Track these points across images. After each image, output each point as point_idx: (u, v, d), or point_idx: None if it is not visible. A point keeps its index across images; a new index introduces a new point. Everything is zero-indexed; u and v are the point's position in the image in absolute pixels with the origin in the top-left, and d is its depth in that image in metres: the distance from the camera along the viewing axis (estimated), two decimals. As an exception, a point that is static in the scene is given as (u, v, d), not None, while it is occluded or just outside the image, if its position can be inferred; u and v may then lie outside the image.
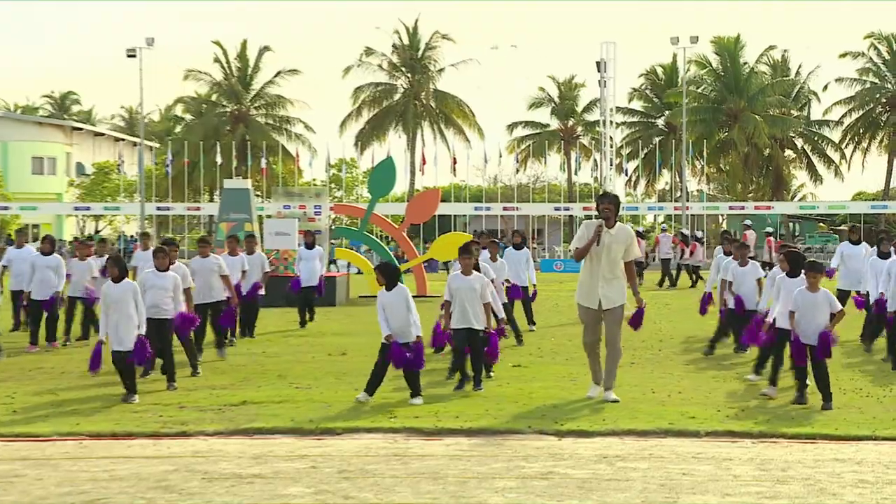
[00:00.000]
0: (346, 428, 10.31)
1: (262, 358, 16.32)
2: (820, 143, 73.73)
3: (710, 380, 13.77)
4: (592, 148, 73.24)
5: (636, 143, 73.04)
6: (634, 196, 79.40)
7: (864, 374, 14.31)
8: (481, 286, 12.77)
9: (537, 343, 18.12)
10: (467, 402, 11.80)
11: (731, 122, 70.13)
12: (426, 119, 73.98)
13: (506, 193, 71.66)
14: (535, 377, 13.99)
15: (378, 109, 73.59)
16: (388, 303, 11.87)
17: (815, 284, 11.71)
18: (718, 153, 71.70)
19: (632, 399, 11.97)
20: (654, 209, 70.80)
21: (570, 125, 77.84)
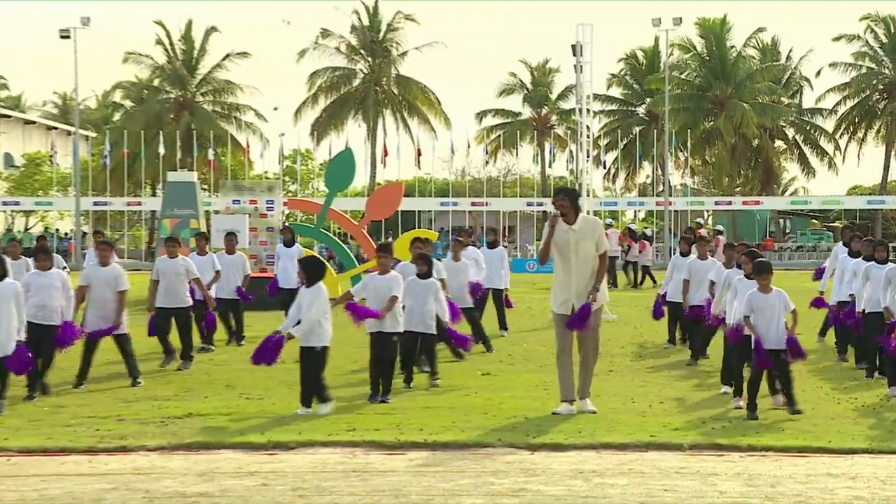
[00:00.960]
0: (300, 442, 10.28)
1: (209, 366, 16.25)
2: (812, 133, 74.28)
3: (694, 389, 13.85)
4: (568, 138, 73.41)
5: (615, 134, 73.34)
6: (613, 190, 79.72)
7: (859, 382, 14.43)
8: (393, 285, 12.79)
9: (508, 349, 18.15)
10: (432, 414, 11.80)
11: (717, 110, 70.52)
12: (388, 107, 73.90)
13: (474, 187, 71.73)
14: (505, 386, 14.01)
15: (336, 96, 73.43)
16: (301, 299, 12.05)
17: (766, 285, 11.86)
18: (703, 144, 72.11)
19: (610, 410, 12.01)
20: (635, 205, 71.16)
21: (543, 114, 78.05)
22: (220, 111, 73.64)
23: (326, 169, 34.16)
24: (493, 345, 18.36)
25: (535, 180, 74.75)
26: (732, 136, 69.30)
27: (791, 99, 76.02)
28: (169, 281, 15.67)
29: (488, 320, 19.68)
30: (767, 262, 12.15)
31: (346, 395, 12.41)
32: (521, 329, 21.60)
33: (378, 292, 12.77)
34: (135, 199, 66.66)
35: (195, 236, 19.58)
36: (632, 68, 77.58)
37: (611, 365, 16.08)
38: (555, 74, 78.63)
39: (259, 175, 75.61)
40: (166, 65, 73.19)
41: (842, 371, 15.46)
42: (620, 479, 8.81)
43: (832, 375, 15.05)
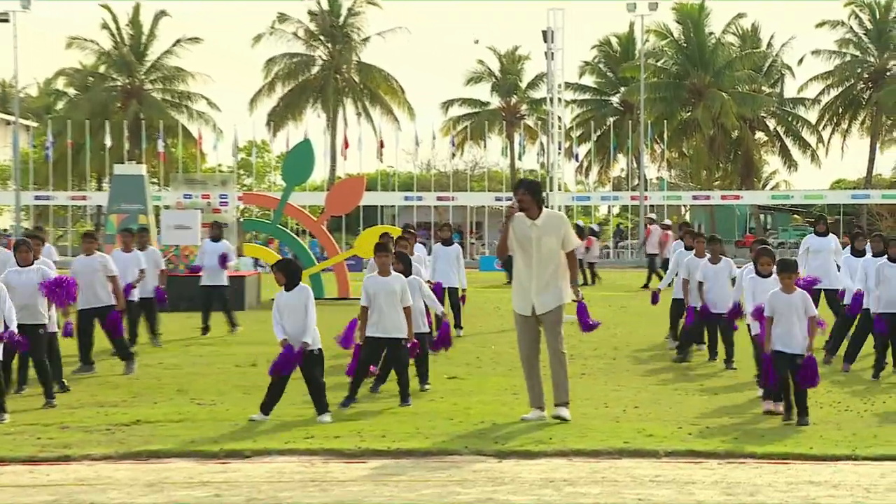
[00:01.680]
0: (255, 450, 10.25)
1: (158, 370, 16.17)
2: (794, 125, 74.73)
3: (671, 392, 13.91)
4: (538, 129, 73.64)
5: (588, 125, 73.53)
6: (586, 184, 79.97)
7: (840, 384, 14.54)
8: (401, 288, 12.80)
9: (475, 352, 18.17)
10: (395, 420, 11.80)
11: (695, 100, 70.80)
12: (349, 96, 73.78)
13: (440, 181, 71.73)
14: (472, 390, 14.02)
15: (293, 84, 73.22)
16: (286, 304, 11.92)
17: (790, 286, 11.93)
18: (681, 135, 72.40)
19: (582, 415, 12.04)
20: (609, 199, 71.31)
21: (512, 103, 78.14)
22: (170, 100, 73.28)
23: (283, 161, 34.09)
24: (459, 347, 18.38)
25: (503, 174, 74.87)
26: (711, 127, 69.60)
27: (772, 88, 76.44)
28: (86, 280, 15.52)
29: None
30: (792, 260, 12.32)
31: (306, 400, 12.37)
32: (490, 330, 21.62)
33: (380, 297, 12.75)
34: (79, 194, 66.20)
35: (137, 232, 19.50)
36: (605, 56, 77.79)
37: (583, 368, 16.13)
38: (525, 62, 78.77)
39: (212, 168, 75.38)
40: (112, 50, 72.73)
41: (822, 374, 15.56)
42: (593, 488, 8.84)
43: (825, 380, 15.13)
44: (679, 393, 13.86)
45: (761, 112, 73.14)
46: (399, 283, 12.84)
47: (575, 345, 18.80)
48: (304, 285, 12.05)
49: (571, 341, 18.83)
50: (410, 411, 12.40)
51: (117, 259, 18.07)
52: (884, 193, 67.89)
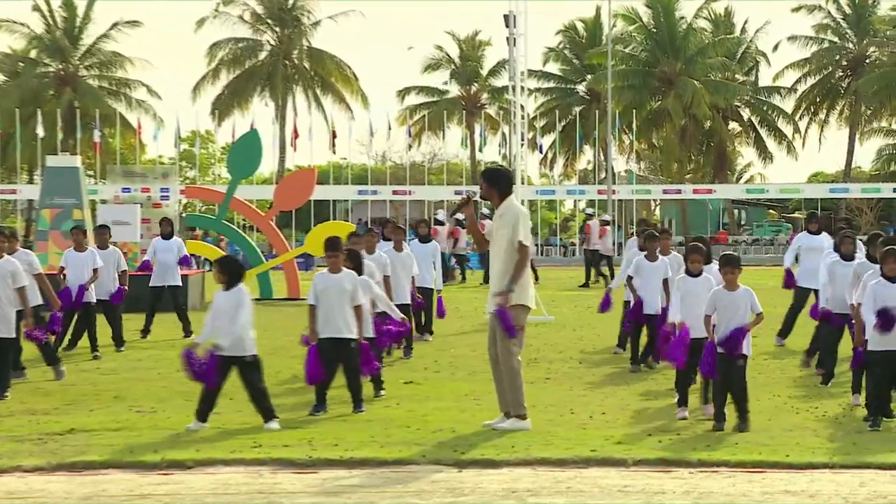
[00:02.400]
0: (198, 460, 10.20)
1: (94, 375, 16.07)
2: (770, 115, 75.27)
3: (640, 398, 13.95)
4: (500, 119, 73.76)
5: (552, 114, 73.77)
6: (551, 177, 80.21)
7: (818, 389, 14.64)
8: (353, 286, 12.76)
9: (434, 355, 18.17)
10: (348, 428, 11.77)
11: (666, 88, 71.20)
12: (299, 83, 73.62)
13: (396, 174, 71.72)
14: (430, 396, 14.02)
15: (239, 71, 73.00)
16: (219, 305, 11.90)
17: (733, 281, 11.98)
18: (650, 126, 72.76)
19: (546, 421, 12.07)
20: (575, 193, 71.57)
21: (473, 92, 78.26)
22: (107, 87, 72.86)
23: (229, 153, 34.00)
24: (417, 351, 18.37)
25: (463, 166, 74.93)
26: (682, 117, 70.02)
27: (746, 76, 76.98)
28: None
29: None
30: (734, 255, 12.30)
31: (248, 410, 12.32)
32: (449, 332, 21.63)
33: (328, 295, 12.73)
34: (9, 187, 65.69)
35: (73, 230, 19.35)
36: (571, 41, 78.06)
37: (547, 372, 16.16)
38: (485, 48, 78.96)
39: (152, 160, 75.01)
40: (45, 34, 72.21)
41: (800, 378, 15.68)
42: (558, 499, 8.86)
43: (790, 382, 15.24)
44: (649, 398, 13.90)
45: (735, 101, 73.65)
46: (350, 282, 12.80)
47: (539, 347, 18.85)
48: (241, 286, 11.95)
49: (535, 343, 18.95)
50: (364, 418, 12.38)
51: (70, 258, 17.94)
52: (863, 187, 68.42)
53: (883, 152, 78.12)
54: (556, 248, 67.19)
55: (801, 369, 16.32)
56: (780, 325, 19.00)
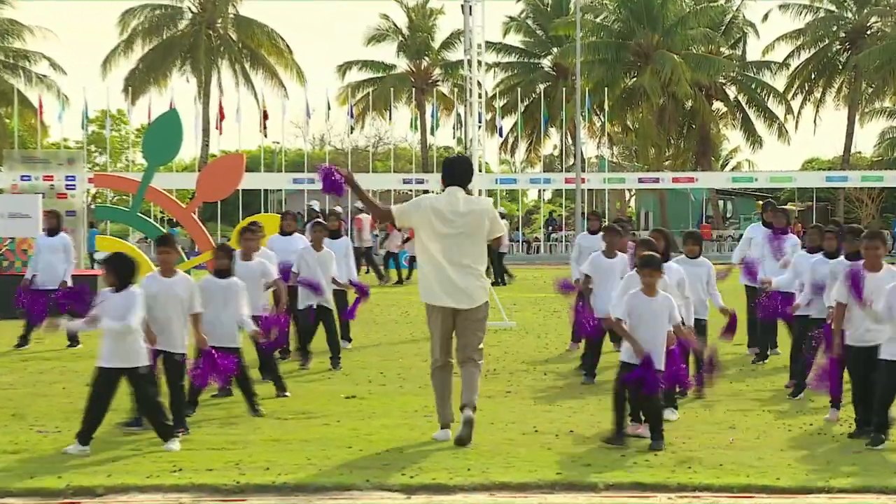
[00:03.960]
0: (110, 487, 10.15)
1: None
2: (759, 93, 75.70)
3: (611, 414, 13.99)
4: (455, 98, 73.78)
5: (514, 93, 73.92)
6: (512, 164, 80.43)
7: (811, 403, 14.73)
8: (189, 293, 12.71)
9: (379, 366, 18.17)
10: (281, 449, 11.75)
11: (641, 63, 71.47)
12: (224, 56, 73.40)
13: (336, 160, 71.62)
14: (375, 412, 14.02)
15: (156, 42, 72.68)
16: (107, 309, 11.87)
17: (651, 286, 12.05)
18: (624, 106, 73.08)
19: (507, 440, 12.09)
20: (539, 182, 71.73)
21: (423, 67, 78.27)
22: (3, 60, 72.27)
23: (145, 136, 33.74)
24: (360, 360, 18.35)
25: (413, 151, 75.01)
26: (660, 95, 70.32)
27: (732, 50, 77.38)
28: None
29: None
30: (655, 256, 12.32)
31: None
32: (396, 340, 21.64)
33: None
34: None
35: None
36: (535, 10, 78.26)
37: (508, 384, 16.18)
38: (437, 17, 79.08)
39: (56, 143, 74.44)
40: (-71, 0, 71.62)
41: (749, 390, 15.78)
42: (520, 529, 8.88)
43: (782, 396, 15.33)
44: (622, 414, 13.94)
45: (719, 78, 73.97)
46: (183, 288, 12.68)
47: (498, 357, 18.89)
48: (134, 290, 11.86)
49: (494, 352, 18.99)
50: (300, 438, 12.35)
51: None
52: (864, 175, 68.82)
53: (886, 136, 78.76)
54: (518, 244, 67.35)
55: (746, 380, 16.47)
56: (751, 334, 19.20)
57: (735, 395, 15.19)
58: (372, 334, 22.66)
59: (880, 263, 12.34)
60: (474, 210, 12.47)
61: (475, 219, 12.41)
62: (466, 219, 12.38)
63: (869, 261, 12.35)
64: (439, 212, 12.40)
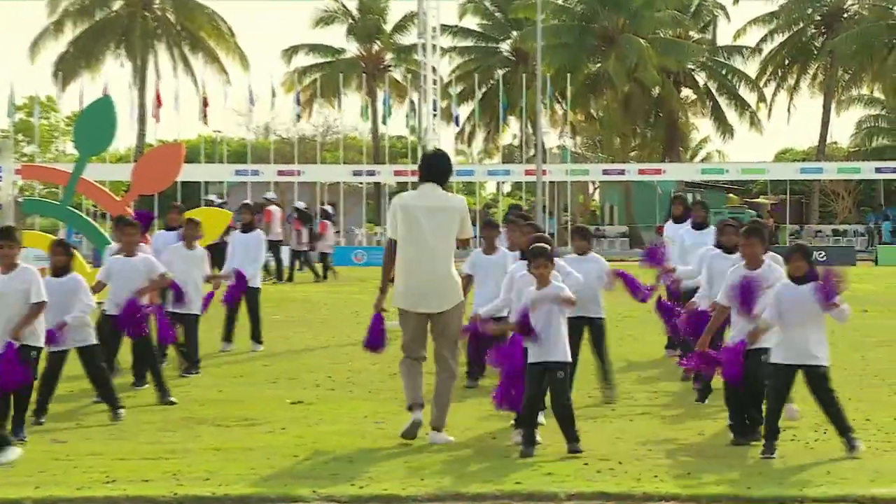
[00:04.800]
0: (38, 499, 10.09)
1: None
2: (730, 80, 76.00)
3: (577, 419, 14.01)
4: (408, 85, 73.71)
5: (471, 79, 73.88)
6: (469, 155, 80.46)
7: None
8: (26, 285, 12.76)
9: (327, 370, 18.16)
10: (222, 458, 11.72)
11: (606, 48, 71.62)
12: (162, 40, 73.12)
13: (282, 150, 71.51)
14: (322, 419, 14.00)
15: (89, 24, 72.30)
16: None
17: (544, 277, 12.14)
18: (588, 93, 73.20)
19: (463, 448, 12.10)
20: (497, 174, 71.77)
21: (374, 51, 78.22)
22: (-76, 43, 71.88)
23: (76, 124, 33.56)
24: (307, 363, 18.35)
25: (363, 141, 74.92)
26: (625, 82, 70.45)
27: (702, 34, 77.67)
28: None
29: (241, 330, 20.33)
30: (545, 248, 12.36)
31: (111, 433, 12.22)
32: (345, 342, 21.60)
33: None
34: None
35: None
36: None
37: (464, 390, 16.18)
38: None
39: (-21, 132, 73.97)
40: None
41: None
42: (476, 542, 8.89)
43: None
44: (583, 419, 13.96)
45: (688, 64, 74.20)
46: (23, 279, 12.69)
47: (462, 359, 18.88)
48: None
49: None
50: (243, 446, 12.32)
51: None
52: (840, 167, 69.15)
53: (863, 125, 79.29)
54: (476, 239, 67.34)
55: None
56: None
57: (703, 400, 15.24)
58: (320, 336, 22.64)
59: (759, 260, 12.40)
60: (448, 208, 12.68)
61: (450, 217, 12.64)
62: (441, 217, 12.59)
63: (747, 259, 12.44)
64: (411, 209, 12.59)
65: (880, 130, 79.50)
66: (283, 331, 22.80)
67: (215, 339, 20.18)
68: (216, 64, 73.20)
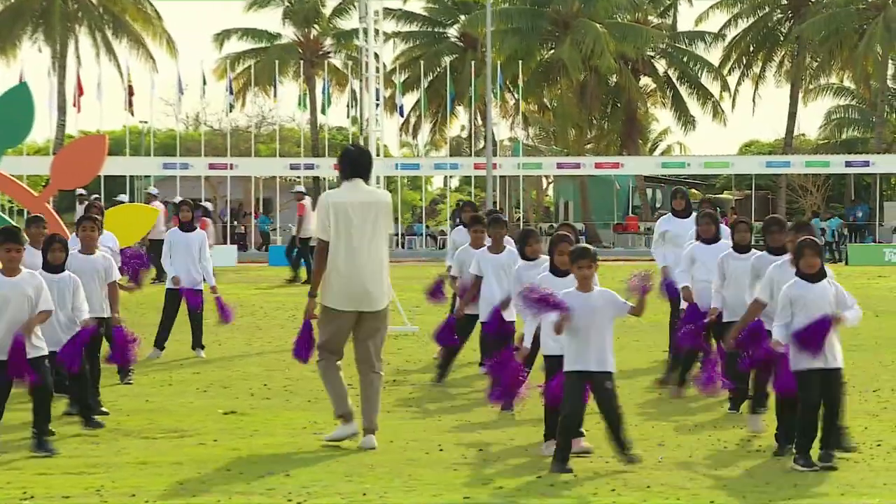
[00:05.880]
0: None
1: None
2: (691, 68, 76.21)
3: (528, 429, 14.02)
4: (349, 72, 73.61)
5: (416, 66, 73.84)
6: (414, 148, 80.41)
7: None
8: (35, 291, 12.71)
9: (262, 377, 18.12)
10: (149, 472, 11.68)
11: (560, 33, 71.71)
12: (83, 23, 72.72)
13: (214, 142, 71.21)
14: (258, 430, 13.97)
15: (3, 5, 71.84)
16: None
17: (587, 280, 12.04)
18: (541, 81, 73.29)
19: (408, 461, 12.10)
20: (445, 168, 71.76)
21: (313, 37, 78.00)
22: None
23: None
24: (242, 371, 18.33)
25: (301, 132, 74.70)
26: (581, 70, 70.53)
27: (661, 18, 77.89)
28: None
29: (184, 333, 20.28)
30: (587, 247, 12.39)
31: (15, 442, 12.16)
32: (283, 348, 21.54)
33: None
34: None
35: None
36: (440, -28, 78.27)
37: (409, 398, 16.18)
38: (329, -21, 78.76)
39: None
40: None
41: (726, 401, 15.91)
42: (422, 560, 8.91)
43: (713, 412, 15.42)
44: (538, 429, 13.95)
45: (647, 50, 74.37)
46: (34, 287, 12.67)
47: (399, 366, 18.94)
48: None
49: (394, 361, 19.03)
50: (171, 460, 12.28)
51: None
52: (808, 160, 69.26)
53: (833, 116, 79.61)
54: (421, 237, 67.41)
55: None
56: None
57: (663, 408, 15.30)
58: (254, 341, 22.56)
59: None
60: (378, 202, 12.92)
61: (381, 212, 12.87)
62: (372, 213, 12.78)
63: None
64: (343, 206, 12.75)
65: (850, 122, 79.82)
66: (216, 336, 22.69)
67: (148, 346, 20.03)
68: (142, 49, 72.82)
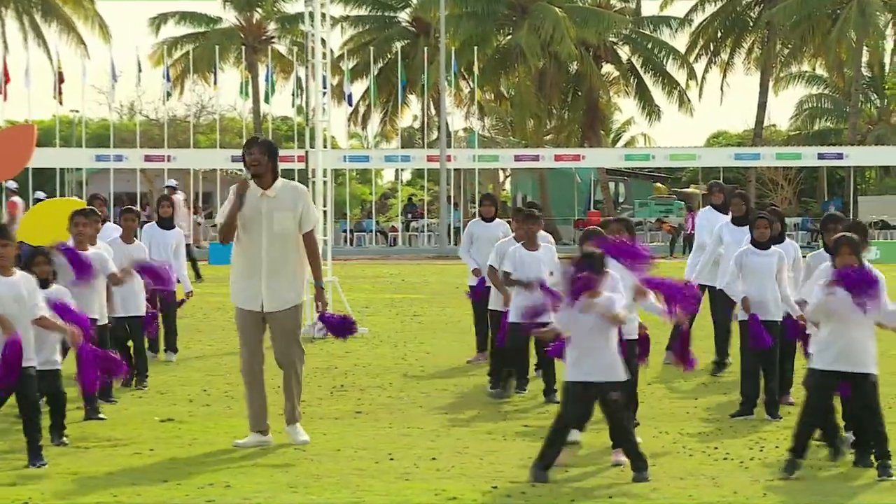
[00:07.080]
0: None
1: None
2: (656, 55, 76.31)
3: (482, 437, 14.05)
4: (294, 59, 73.49)
5: (366, 53, 73.72)
6: (364, 139, 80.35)
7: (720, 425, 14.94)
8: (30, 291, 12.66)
9: (202, 383, 18.10)
10: (81, 484, 11.65)
11: (518, 18, 71.76)
12: (9, 5, 72.39)
13: (150, 133, 70.98)
14: (196, 439, 13.96)
15: (-77, -13, 71.51)
16: None
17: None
18: (497, 69, 73.29)
19: (356, 471, 12.11)
20: (396, 160, 71.69)
21: (256, 21, 77.84)
22: None
23: (-88, 103, 33.30)
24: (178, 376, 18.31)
25: (244, 122, 74.52)
26: (540, 57, 70.55)
27: (625, 3, 77.93)
28: None
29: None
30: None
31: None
32: (223, 351, 21.54)
33: None
34: None
35: None
36: (390, -47, 78.21)
37: (358, 404, 16.18)
38: (273, -41, 78.62)
39: None
40: None
41: (698, 409, 15.98)
42: (371, 576, 8.93)
43: (685, 415, 15.50)
44: (493, 438, 14.01)
45: (610, 36, 74.41)
46: (28, 289, 12.64)
47: (347, 370, 18.92)
48: None
49: (342, 365, 19.02)
50: (105, 471, 12.25)
51: None
52: (778, 153, 69.46)
53: (805, 105, 79.92)
54: (371, 234, 67.29)
55: (698, 398, 16.66)
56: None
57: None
58: (194, 344, 22.49)
59: None
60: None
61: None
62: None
63: None
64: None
65: (823, 112, 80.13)
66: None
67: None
68: (73, 34, 72.55)
